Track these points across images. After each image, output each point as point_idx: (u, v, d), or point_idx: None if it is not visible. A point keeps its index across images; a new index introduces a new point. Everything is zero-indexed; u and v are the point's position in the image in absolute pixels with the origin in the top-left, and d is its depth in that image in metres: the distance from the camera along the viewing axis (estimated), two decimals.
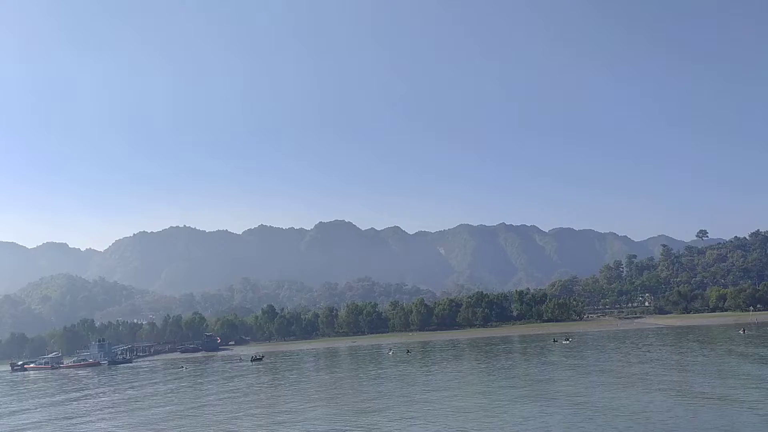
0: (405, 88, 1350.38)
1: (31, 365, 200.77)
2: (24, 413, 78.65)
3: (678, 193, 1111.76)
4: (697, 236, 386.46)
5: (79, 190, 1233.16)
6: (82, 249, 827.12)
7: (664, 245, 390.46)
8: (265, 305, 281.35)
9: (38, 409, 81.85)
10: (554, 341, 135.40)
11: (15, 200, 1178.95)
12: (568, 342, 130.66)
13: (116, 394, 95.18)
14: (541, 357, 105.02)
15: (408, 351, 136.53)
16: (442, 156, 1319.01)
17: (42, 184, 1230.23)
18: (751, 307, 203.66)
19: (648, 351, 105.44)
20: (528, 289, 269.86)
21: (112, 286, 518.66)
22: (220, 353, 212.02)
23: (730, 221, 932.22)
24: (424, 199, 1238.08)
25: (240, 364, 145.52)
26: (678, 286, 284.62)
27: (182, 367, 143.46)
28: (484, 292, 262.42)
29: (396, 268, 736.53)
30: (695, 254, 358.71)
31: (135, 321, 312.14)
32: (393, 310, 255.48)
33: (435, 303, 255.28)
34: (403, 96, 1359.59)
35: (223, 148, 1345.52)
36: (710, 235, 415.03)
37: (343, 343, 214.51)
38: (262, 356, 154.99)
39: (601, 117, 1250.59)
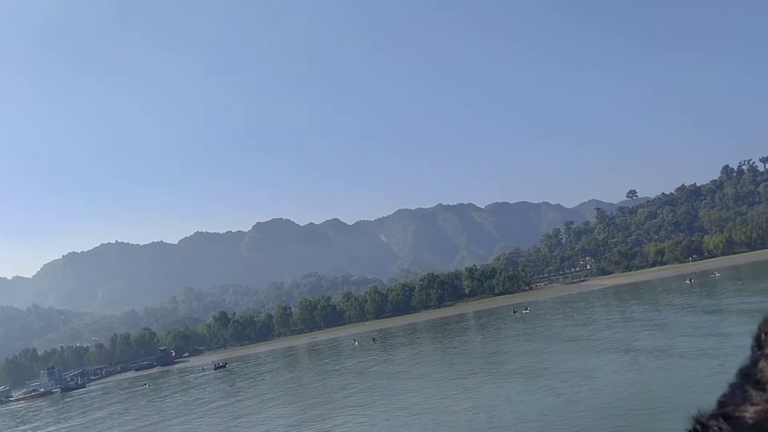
0: (321, 76, 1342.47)
1: None
2: None
3: (603, 156, 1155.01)
4: (627, 196, 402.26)
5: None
6: (9, 277, 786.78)
7: (597, 209, 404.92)
8: (216, 312, 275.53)
9: None
10: (514, 312, 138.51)
11: None
12: (527, 311, 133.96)
13: (81, 420, 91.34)
14: (499, 331, 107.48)
15: (374, 339, 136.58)
16: (372, 142, 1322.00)
17: None
18: (690, 258, 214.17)
19: (596, 310, 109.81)
20: (475, 265, 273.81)
21: (47, 312, 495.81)
22: (176, 366, 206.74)
23: (656, 179, 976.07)
24: (360, 188, 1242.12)
25: (203, 373, 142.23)
26: (616, 246, 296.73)
27: (145, 384, 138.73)
28: (435, 273, 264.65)
29: (339, 260, 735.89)
30: (627, 214, 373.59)
31: (79, 345, 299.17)
32: (347, 301, 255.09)
33: (388, 290, 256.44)
34: (319, 83, 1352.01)
35: (148, 157, 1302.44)
36: (639, 194, 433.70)
37: (301, 341, 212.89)
38: (225, 363, 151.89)
39: (517, 81, 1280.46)
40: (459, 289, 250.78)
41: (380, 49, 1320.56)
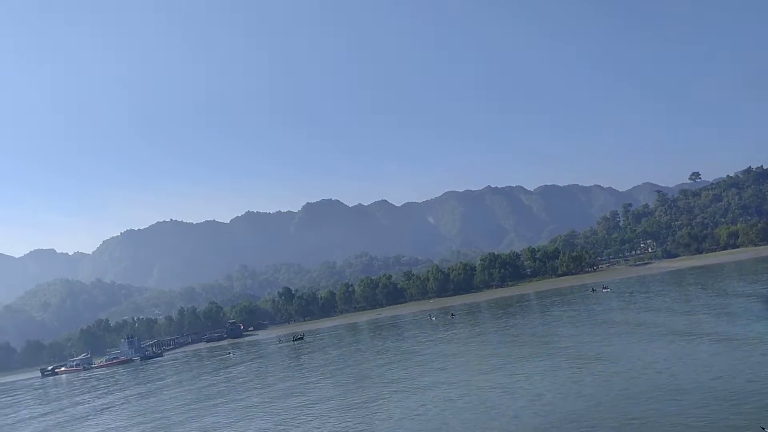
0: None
1: (62, 368, 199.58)
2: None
3: (659, 138, 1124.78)
4: (690, 179, 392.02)
5: (60, 195, 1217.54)
6: (70, 253, 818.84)
7: (658, 191, 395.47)
8: (281, 288, 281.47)
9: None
10: (592, 290, 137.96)
11: None
12: (607, 290, 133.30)
13: (206, 380, 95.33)
14: (592, 308, 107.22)
15: (452, 315, 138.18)
16: (420, 124, 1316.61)
17: (22, 191, 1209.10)
18: None
19: (688, 290, 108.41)
20: (535, 247, 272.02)
21: (110, 287, 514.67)
22: (245, 339, 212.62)
23: (714, 162, 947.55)
24: (409, 169, 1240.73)
25: (282, 344, 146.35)
26: (680, 230, 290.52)
27: (229, 353, 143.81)
28: (495, 253, 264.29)
29: (388, 241, 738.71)
30: (690, 197, 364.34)
31: (144, 317, 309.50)
32: (407, 280, 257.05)
33: (449, 268, 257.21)
34: (375, 70, 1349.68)
35: (201, 136, 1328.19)
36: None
37: (363, 317, 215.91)
38: (303, 335, 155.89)
39: (574, 73, 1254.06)
40: (520, 269, 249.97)
41: (435, 34, 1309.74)
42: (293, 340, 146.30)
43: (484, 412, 41.30)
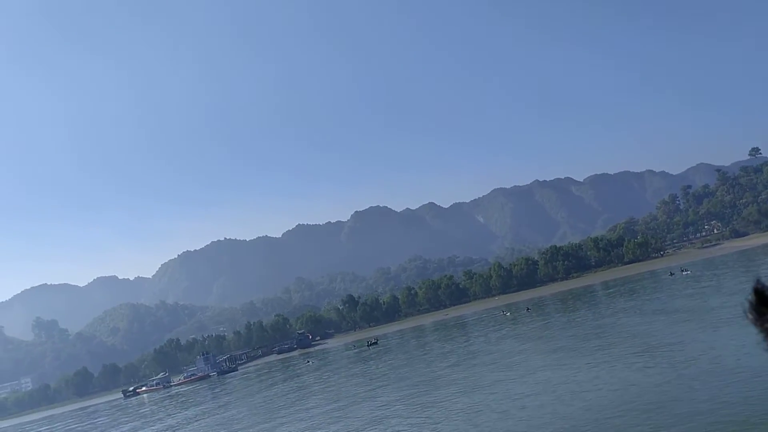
0: (426, 60, 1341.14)
1: (143, 388, 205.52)
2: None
3: (710, 117, 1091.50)
4: (749, 155, 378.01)
5: (118, 222, 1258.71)
6: (131, 278, 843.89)
7: (718, 170, 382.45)
8: (343, 297, 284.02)
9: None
10: (671, 274, 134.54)
11: (60, 243, 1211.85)
12: (687, 273, 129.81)
13: (294, 387, 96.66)
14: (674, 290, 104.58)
15: (528, 309, 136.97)
16: (465, 123, 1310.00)
17: (82, 222, 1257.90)
18: None
19: None
20: (599, 236, 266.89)
21: (173, 308, 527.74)
22: (315, 348, 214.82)
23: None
24: (454, 170, 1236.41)
25: (357, 350, 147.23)
26: (745, 208, 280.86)
27: (308, 361, 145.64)
28: (558, 246, 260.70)
29: (438, 243, 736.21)
30: (751, 173, 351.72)
31: (210, 335, 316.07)
32: (469, 279, 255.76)
33: (511, 264, 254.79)
34: (419, 70, 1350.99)
35: (249, 154, 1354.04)
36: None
37: (429, 319, 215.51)
38: (377, 340, 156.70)
39: (623, 58, 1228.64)
40: (584, 260, 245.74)
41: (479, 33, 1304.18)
42: (368, 345, 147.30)
43: (540, 407, 41.06)
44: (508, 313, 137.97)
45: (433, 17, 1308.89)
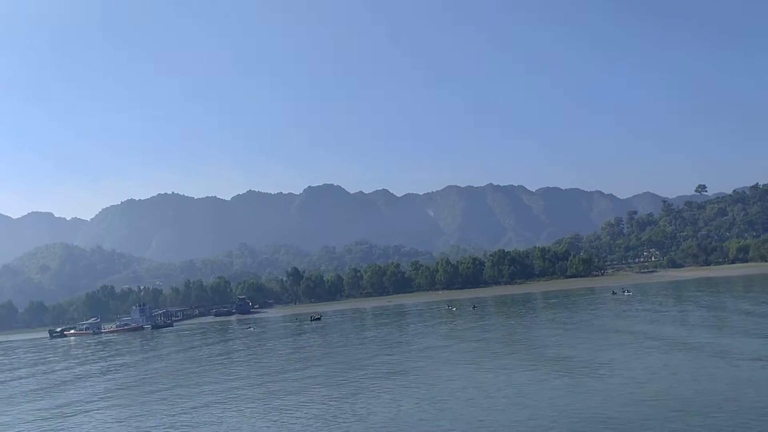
0: (391, 44, 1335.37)
1: (71, 331, 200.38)
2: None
3: (663, 150, 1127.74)
4: (696, 191, 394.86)
5: (62, 160, 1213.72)
6: (68, 218, 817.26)
7: (665, 200, 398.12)
8: (283, 269, 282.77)
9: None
10: (613, 293, 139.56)
11: None
12: (630, 294, 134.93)
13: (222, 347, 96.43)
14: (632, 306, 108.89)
15: (474, 306, 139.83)
16: (429, 117, 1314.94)
17: (23, 154, 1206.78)
18: None
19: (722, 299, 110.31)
20: (547, 247, 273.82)
21: (110, 255, 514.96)
22: (253, 316, 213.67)
23: (718, 177, 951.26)
24: (412, 161, 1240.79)
25: (299, 323, 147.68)
26: (685, 240, 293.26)
27: (250, 327, 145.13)
28: (505, 250, 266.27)
29: (387, 230, 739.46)
30: (695, 209, 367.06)
31: (146, 287, 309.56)
32: (416, 270, 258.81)
33: (458, 262, 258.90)
34: (390, 52, 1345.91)
35: (208, 113, 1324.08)
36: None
37: (370, 304, 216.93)
38: (320, 316, 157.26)
39: (587, 78, 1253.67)
40: (529, 267, 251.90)
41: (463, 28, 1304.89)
42: (311, 320, 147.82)
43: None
44: (454, 309, 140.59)
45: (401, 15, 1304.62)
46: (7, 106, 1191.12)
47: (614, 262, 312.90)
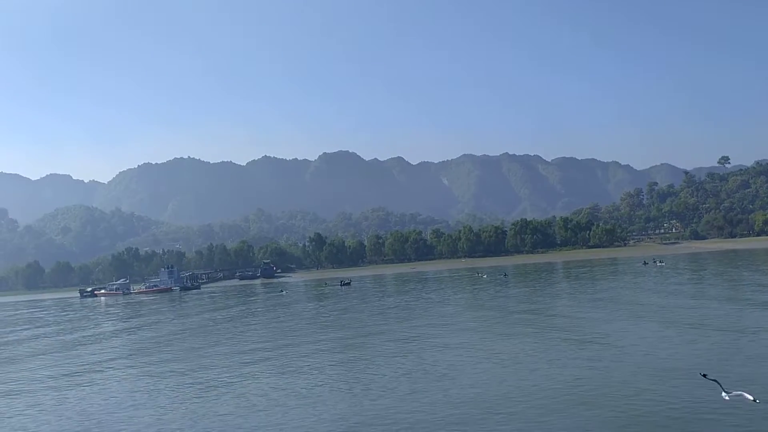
0: (405, 14, 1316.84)
1: (102, 291, 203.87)
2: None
3: (681, 122, 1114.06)
4: (719, 162, 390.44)
5: (80, 123, 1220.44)
6: (86, 180, 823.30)
7: (686, 172, 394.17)
8: (309, 233, 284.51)
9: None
10: (645, 264, 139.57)
11: (17, 132, 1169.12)
12: (662, 264, 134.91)
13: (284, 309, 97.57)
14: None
15: (505, 275, 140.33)
16: (443, 85, 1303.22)
17: (44, 117, 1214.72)
18: None
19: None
20: (569, 216, 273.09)
21: (129, 217, 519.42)
22: (277, 280, 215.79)
23: (739, 148, 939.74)
24: (426, 129, 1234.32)
25: (330, 288, 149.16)
26: (708, 212, 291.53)
27: (282, 291, 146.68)
28: (527, 219, 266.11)
29: (401, 198, 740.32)
30: (717, 180, 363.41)
31: (177, 250, 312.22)
32: (436, 237, 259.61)
33: (480, 230, 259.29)
34: (404, 21, 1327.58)
35: (224, 78, 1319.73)
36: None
37: (392, 270, 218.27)
38: (350, 281, 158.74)
39: (607, 48, 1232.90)
40: (551, 237, 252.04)
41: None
42: (341, 285, 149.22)
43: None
44: (485, 276, 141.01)
45: None
46: (23, 71, 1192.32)
47: (634, 234, 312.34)
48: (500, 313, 73.69)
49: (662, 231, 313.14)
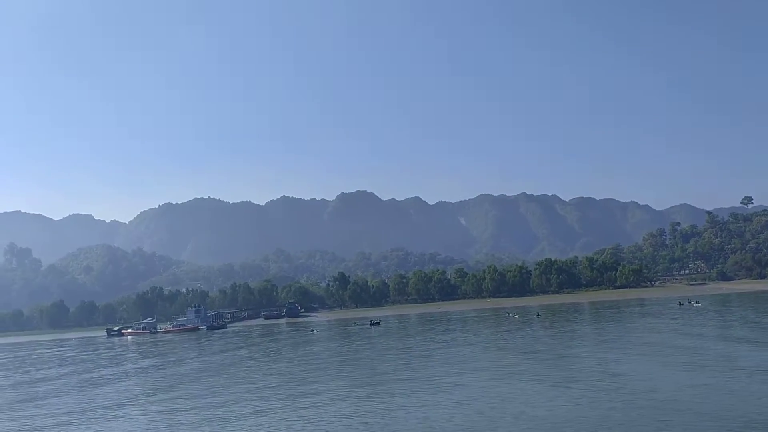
0: (426, 57, 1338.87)
1: (129, 330, 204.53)
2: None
3: (700, 161, 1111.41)
4: (741, 203, 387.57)
5: (102, 164, 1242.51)
6: (107, 221, 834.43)
7: (709, 212, 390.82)
8: (331, 273, 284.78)
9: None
10: (680, 304, 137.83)
11: (40, 173, 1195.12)
12: (699, 305, 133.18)
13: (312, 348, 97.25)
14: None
15: (537, 315, 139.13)
16: (462, 125, 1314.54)
17: (66, 158, 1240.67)
18: None
19: None
20: (594, 256, 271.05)
21: (150, 257, 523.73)
22: (302, 320, 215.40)
23: (760, 189, 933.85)
24: (444, 169, 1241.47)
25: (360, 327, 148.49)
26: (733, 253, 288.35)
27: (313, 330, 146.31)
28: (552, 259, 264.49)
29: (419, 238, 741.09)
30: (741, 221, 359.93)
31: (200, 289, 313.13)
32: (460, 277, 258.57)
33: (504, 269, 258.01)
34: (423, 64, 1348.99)
35: (243, 114, 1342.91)
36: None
37: (415, 310, 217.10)
38: (379, 321, 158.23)
39: (622, 92, 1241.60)
40: (576, 277, 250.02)
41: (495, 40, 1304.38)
42: (370, 325, 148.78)
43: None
44: (517, 316, 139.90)
45: (441, 19, 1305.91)
46: (43, 108, 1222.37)
47: (659, 274, 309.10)
48: (552, 358, 72.84)
49: (687, 272, 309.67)
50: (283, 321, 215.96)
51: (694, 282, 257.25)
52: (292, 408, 48.06)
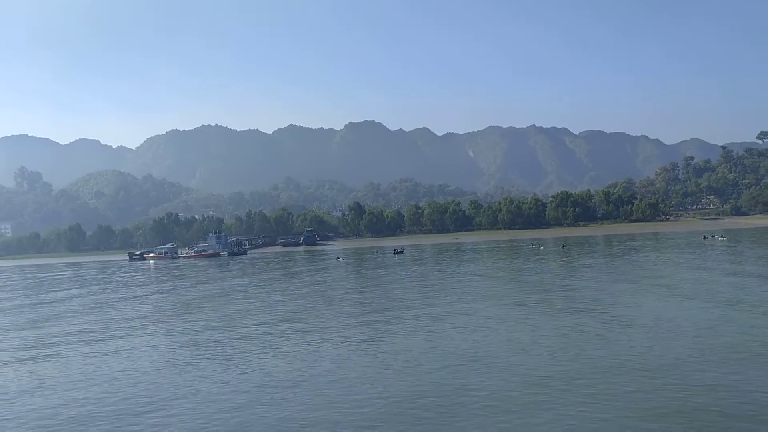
0: None
1: (150, 254, 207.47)
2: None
3: (711, 95, 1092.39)
4: (757, 138, 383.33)
5: (109, 88, 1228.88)
6: (114, 146, 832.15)
7: (723, 147, 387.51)
8: (342, 202, 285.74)
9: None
10: (705, 238, 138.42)
11: (46, 96, 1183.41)
12: (724, 239, 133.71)
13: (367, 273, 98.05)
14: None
15: (563, 246, 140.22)
16: (471, 56, 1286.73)
17: (72, 81, 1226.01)
18: None
19: None
20: (610, 189, 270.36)
21: (160, 183, 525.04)
22: (319, 248, 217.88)
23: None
24: (453, 100, 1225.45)
25: (384, 256, 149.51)
26: (747, 188, 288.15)
27: (339, 258, 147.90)
28: (568, 192, 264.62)
29: (426, 169, 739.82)
30: (755, 156, 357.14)
31: (208, 216, 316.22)
32: (475, 209, 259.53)
33: (520, 201, 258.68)
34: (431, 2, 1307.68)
35: (248, 48, 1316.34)
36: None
37: (430, 240, 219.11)
38: (403, 250, 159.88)
39: (635, 19, 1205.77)
40: (591, 210, 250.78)
41: None
42: (394, 253, 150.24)
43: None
44: (541, 247, 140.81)
45: None
46: (63, 38, 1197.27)
47: (671, 209, 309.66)
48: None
49: (700, 207, 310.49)
50: (301, 249, 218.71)
51: (707, 217, 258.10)
52: (313, 332, 48.51)
